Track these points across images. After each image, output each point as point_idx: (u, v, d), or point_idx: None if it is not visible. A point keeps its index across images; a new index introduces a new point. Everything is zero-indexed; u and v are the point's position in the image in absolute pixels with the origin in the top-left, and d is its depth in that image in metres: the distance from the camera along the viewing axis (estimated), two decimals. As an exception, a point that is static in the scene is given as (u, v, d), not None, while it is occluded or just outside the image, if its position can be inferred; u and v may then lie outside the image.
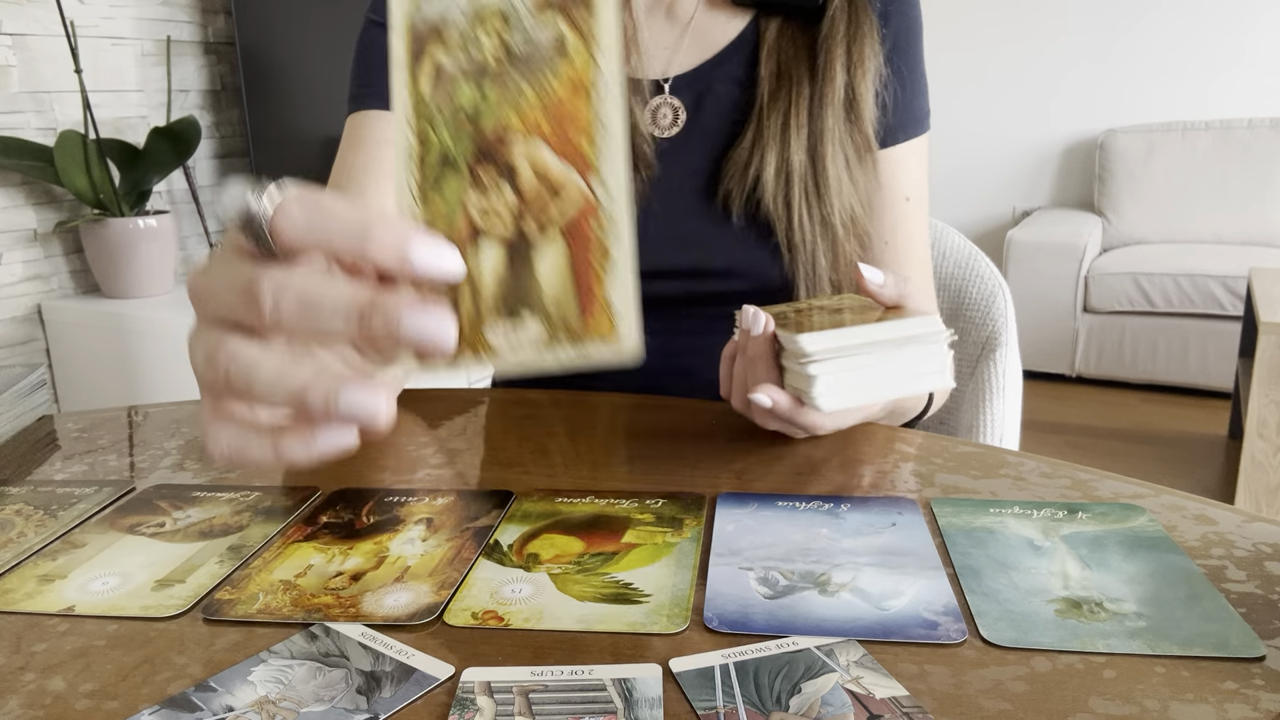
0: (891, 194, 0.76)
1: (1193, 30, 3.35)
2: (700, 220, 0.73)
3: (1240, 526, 0.46)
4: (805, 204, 0.71)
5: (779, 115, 0.71)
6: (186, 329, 0.96)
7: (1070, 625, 0.37)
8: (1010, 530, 0.46)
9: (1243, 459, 1.98)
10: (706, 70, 0.74)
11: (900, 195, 0.77)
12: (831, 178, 0.71)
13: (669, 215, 0.73)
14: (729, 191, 0.72)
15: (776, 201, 0.71)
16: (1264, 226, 3.15)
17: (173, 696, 0.34)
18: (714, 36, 0.75)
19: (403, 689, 0.34)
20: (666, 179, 0.73)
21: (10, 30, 1.77)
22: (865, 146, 0.73)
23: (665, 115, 0.74)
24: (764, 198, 0.71)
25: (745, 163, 0.71)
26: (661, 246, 0.74)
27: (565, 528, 0.46)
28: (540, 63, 0.30)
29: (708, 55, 0.75)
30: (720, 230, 0.73)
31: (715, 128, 0.74)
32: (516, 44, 0.31)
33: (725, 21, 0.75)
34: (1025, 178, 3.68)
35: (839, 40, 0.71)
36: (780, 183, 0.71)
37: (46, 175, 1.77)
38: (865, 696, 0.33)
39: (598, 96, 0.30)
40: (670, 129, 0.74)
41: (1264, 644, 0.36)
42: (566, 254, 0.30)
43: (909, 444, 0.57)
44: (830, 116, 0.71)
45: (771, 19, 0.73)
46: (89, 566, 0.44)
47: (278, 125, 2.08)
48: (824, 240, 0.72)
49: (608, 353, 0.30)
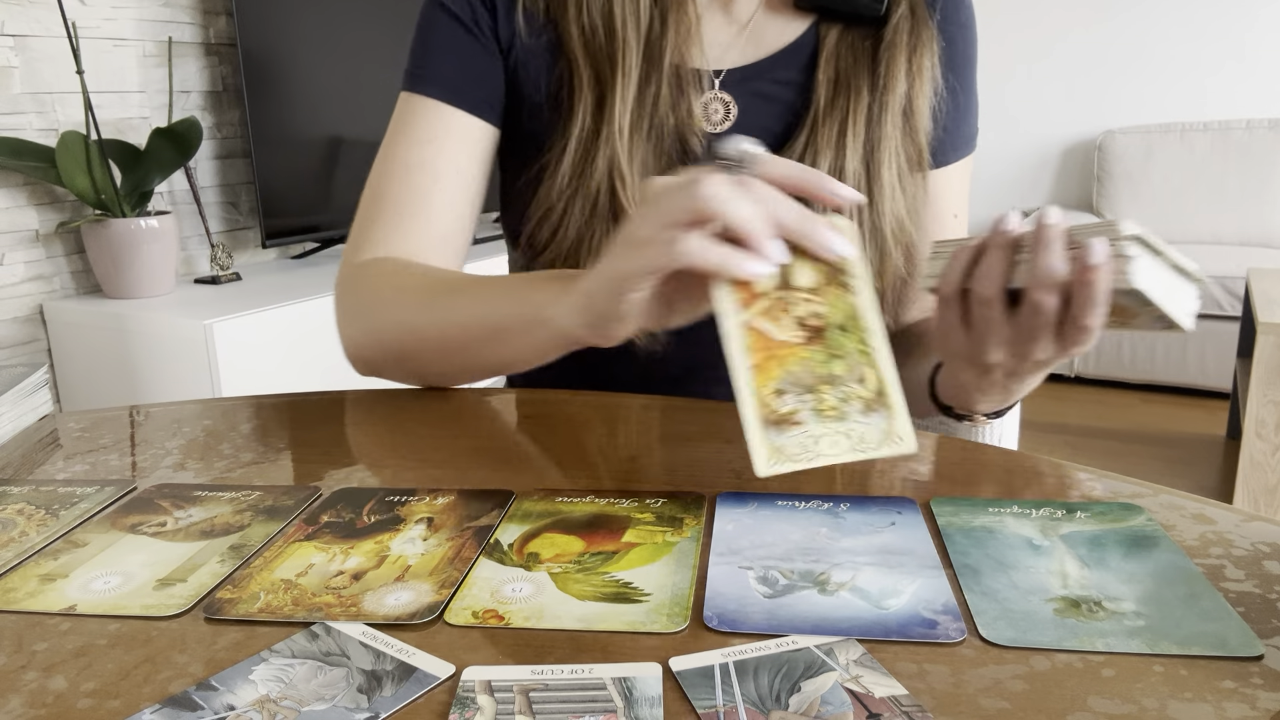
0: (941, 210, 0.78)
1: (1192, 31, 3.35)
2: None
3: (1239, 526, 0.46)
4: (857, 210, 0.72)
5: (836, 122, 0.71)
6: (187, 329, 0.97)
7: (1069, 624, 0.37)
8: (1009, 529, 0.46)
9: (1241, 459, 1.99)
10: (760, 70, 0.74)
11: (949, 212, 0.79)
12: (886, 186, 0.72)
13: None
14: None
15: (825, 208, 0.71)
16: (1262, 227, 3.15)
17: (174, 695, 0.34)
18: (770, 38, 0.75)
19: (403, 688, 0.34)
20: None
21: (12, 31, 1.78)
22: (917, 159, 0.74)
23: (717, 110, 0.74)
24: (813, 203, 0.71)
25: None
26: None
27: (565, 527, 0.46)
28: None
29: (762, 55, 0.75)
30: None
31: (764, 128, 0.74)
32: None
33: (784, 24, 0.75)
34: (1024, 178, 3.69)
35: (901, 50, 0.71)
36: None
37: (48, 176, 1.77)
38: (864, 695, 0.33)
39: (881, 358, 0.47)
40: (721, 124, 0.74)
41: (1262, 643, 0.36)
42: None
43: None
44: (889, 125, 0.71)
45: (832, 26, 0.74)
46: (90, 566, 0.44)
47: (279, 126, 2.09)
48: (872, 247, 0.72)
49: (893, 451, 0.45)
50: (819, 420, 0.45)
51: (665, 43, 0.70)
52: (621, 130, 0.69)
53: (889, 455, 0.45)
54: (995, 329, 0.54)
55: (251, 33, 1.99)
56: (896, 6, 0.72)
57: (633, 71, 0.70)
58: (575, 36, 0.71)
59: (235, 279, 2.06)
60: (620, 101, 0.69)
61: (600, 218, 0.70)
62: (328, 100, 2.19)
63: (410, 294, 0.66)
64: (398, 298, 0.67)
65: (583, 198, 0.70)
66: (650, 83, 0.70)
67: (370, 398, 0.69)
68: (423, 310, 0.65)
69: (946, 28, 0.75)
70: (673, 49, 0.71)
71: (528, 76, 0.74)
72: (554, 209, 0.71)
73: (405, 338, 0.66)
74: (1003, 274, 0.53)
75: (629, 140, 0.69)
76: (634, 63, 0.70)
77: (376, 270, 0.70)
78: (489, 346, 0.62)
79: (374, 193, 0.73)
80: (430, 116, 0.72)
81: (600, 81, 0.70)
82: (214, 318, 1.69)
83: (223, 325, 1.69)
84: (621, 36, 0.70)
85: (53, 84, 1.85)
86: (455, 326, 0.63)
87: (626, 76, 0.70)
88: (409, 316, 0.65)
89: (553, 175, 0.72)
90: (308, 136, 2.16)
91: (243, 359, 1.73)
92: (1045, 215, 0.51)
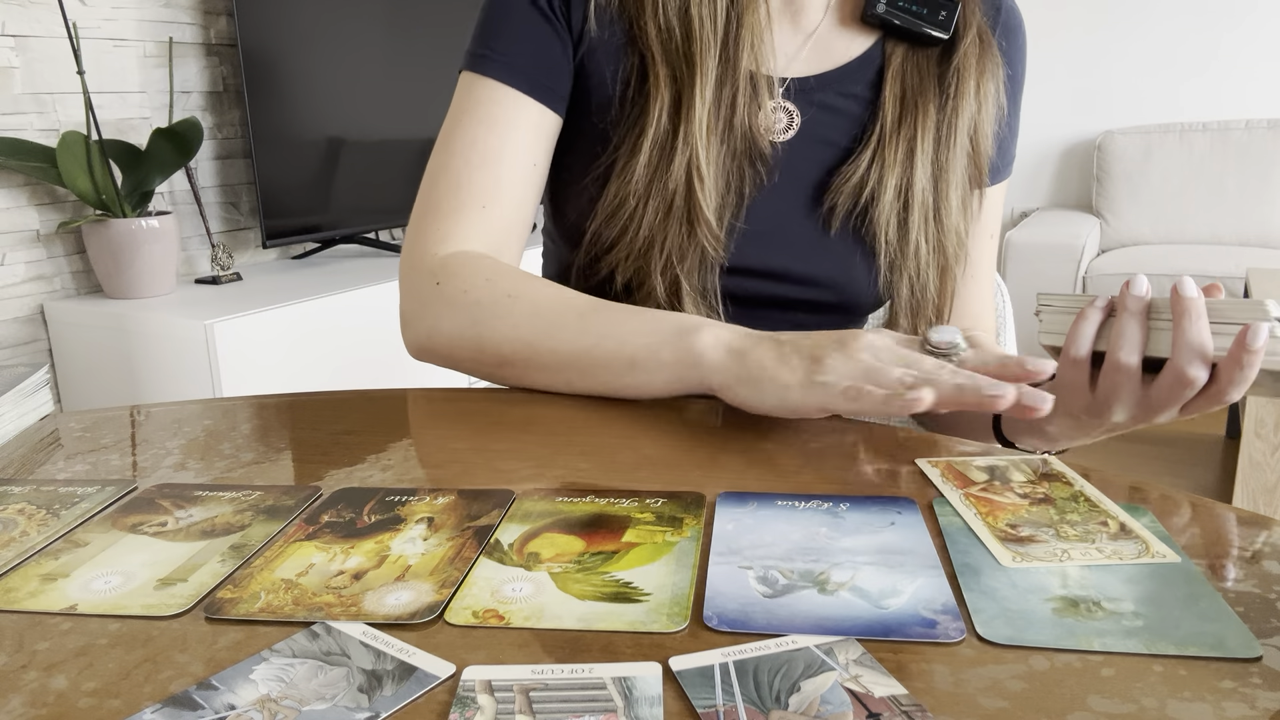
0: (982, 229, 0.80)
1: (1191, 32, 3.35)
2: (799, 226, 0.74)
3: (1238, 526, 0.46)
4: (924, 229, 0.73)
5: (904, 140, 0.72)
6: (188, 329, 0.97)
7: (1067, 624, 0.37)
8: (1009, 530, 0.46)
9: (1240, 459, 1.99)
10: (825, 81, 0.74)
11: (988, 231, 0.81)
12: (953, 206, 0.73)
13: (771, 217, 0.74)
14: (835, 204, 0.73)
15: (890, 223, 0.72)
16: (1261, 227, 3.15)
17: (175, 695, 0.34)
18: (836, 51, 0.75)
19: (404, 687, 0.34)
20: (775, 182, 0.74)
21: (13, 32, 1.78)
22: (978, 180, 0.75)
23: (781, 119, 0.74)
24: (876, 217, 0.72)
25: (859, 180, 0.72)
26: (754, 245, 0.74)
27: (566, 527, 0.47)
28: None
29: (828, 67, 0.75)
30: (818, 239, 0.74)
31: (826, 139, 0.74)
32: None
33: (850, 38, 0.76)
34: (1023, 178, 3.69)
35: (970, 74, 0.72)
36: (899, 205, 0.72)
37: (49, 176, 1.77)
38: (864, 695, 0.33)
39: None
40: (784, 133, 0.74)
41: (1261, 643, 0.36)
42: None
43: (907, 443, 0.57)
44: (958, 147, 0.73)
45: (898, 44, 0.74)
46: (91, 565, 0.44)
47: (280, 126, 2.09)
48: (935, 265, 0.73)
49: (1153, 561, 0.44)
50: (1062, 540, 0.45)
51: (741, 45, 0.70)
52: (701, 130, 0.69)
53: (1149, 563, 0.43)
54: (1126, 394, 0.55)
55: (252, 33, 1.99)
56: (966, 31, 0.73)
57: (710, 73, 0.70)
58: (652, 35, 0.70)
59: (236, 279, 2.06)
60: (700, 103, 0.69)
61: (675, 219, 0.70)
62: (328, 100, 2.19)
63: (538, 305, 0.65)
64: (513, 307, 0.65)
65: (658, 197, 0.70)
66: (726, 84, 0.70)
67: (370, 398, 0.69)
68: (552, 330, 0.64)
69: (1010, 53, 0.77)
70: (748, 54, 0.71)
71: (597, 71, 0.73)
72: (625, 207, 0.71)
73: (520, 350, 0.65)
74: (1143, 342, 0.53)
75: (707, 140, 0.69)
76: (712, 65, 0.70)
77: (474, 268, 0.68)
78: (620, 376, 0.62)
79: (452, 178, 0.71)
80: (506, 102, 0.71)
81: (677, 80, 0.70)
82: (214, 318, 1.69)
83: (223, 325, 1.69)
84: (699, 37, 0.70)
85: (53, 84, 1.85)
86: (586, 353, 0.63)
87: (704, 77, 0.69)
88: (529, 332, 0.64)
89: (625, 173, 0.71)
90: (308, 137, 2.16)
91: (243, 359, 1.73)
92: (1184, 286, 0.52)
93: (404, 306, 0.71)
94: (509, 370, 0.67)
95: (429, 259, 0.70)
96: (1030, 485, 0.51)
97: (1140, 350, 0.54)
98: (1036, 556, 0.43)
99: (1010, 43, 0.77)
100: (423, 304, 0.69)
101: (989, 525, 0.46)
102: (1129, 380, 0.54)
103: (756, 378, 0.56)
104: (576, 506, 0.49)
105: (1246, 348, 0.50)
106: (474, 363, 0.68)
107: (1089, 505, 0.48)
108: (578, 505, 0.49)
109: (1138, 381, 0.55)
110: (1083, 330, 0.56)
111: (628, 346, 0.62)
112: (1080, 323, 0.56)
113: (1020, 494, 0.50)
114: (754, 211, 0.73)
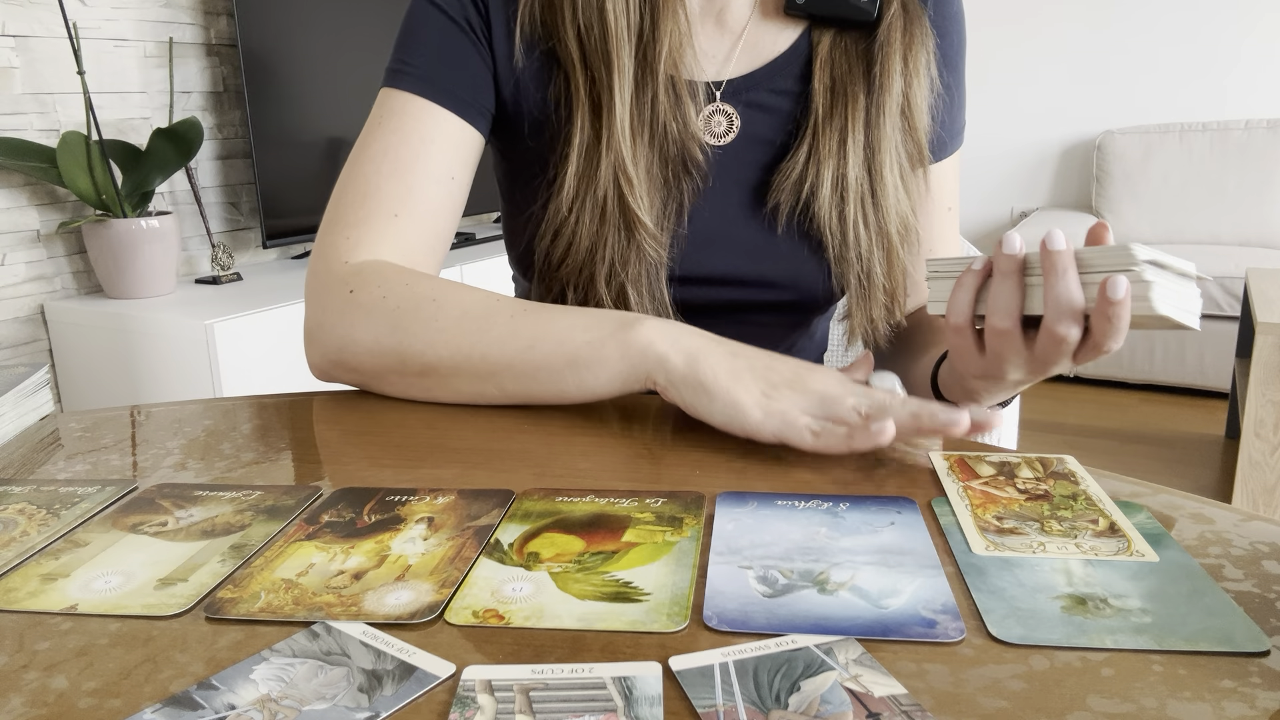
0: (936, 205, 0.79)
1: (1191, 32, 3.35)
2: (746, 229, 0.73)
3: (1237, 525, 0.46)
4: (862, 217, 0.72)
5: (835, 130, 0.71)
6: (188, 329, 0.98)
7: (1077, 621, 0.37)
8: (1009, 530, 0.46)
9: (1240, 459, 1.99)
10: (756, 80, 0.74)
11: (944, 206, 0.80)
12: (889, 188, 0.72)
13: (715, 222, 0.73)
14: (778, 203, 0.72)
15: (831, 215, 0.71)
16: (1261, 227, 3.15)
17: (175, 695, 0.34)
18: (765, 47, 0.75)
19: (404, 687, 0.34)
20: (715, 185, 0.73)
21: (13, 32, 1.78)
22: (919, 156, 0.74)
23: (720, 123, 0.73)
24: (817, 211, 0.71)
25: (799, 176, 0.71)
26: (706, 253, 0.74)
27: (565, 526, 0.47)
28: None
29: (758, 65, 0.74)
30: (766, 240, 0.73)
31: (765, 138, 0.74)
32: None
33: (777, 32, 0.75)
34: (1023, 179, 3.69)
35: (895, 49, 0.71)
36: (835, 197, 0.71)
37: (49, 176, 1.77)
38: (864, 694, 0.33)
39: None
40: (725, 136, 0.73)
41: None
42: None
43: (907, 443, 0.57)
44: (888, 127, 0.71)
45: (825, 31, 0.73)
46: (91, 565, 0.44)
47: (280, 126, 2.09)
48: (879, 250, 0.72)
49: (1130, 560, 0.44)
50: (1044, 534, 0.45)
51: (658, 50, 0.70)
52: (623, 132, 0.69)
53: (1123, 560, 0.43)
54: (1012, 355, 0.54)
55: (252, 33, 1.99)
56: (889, 6, 0.71)
57: (628, 72, 0.69)
58: (571, 39, 0.70)
59: (236, 279, 2.06)
60: (620, 104, 0.69)
61: (610, 224, 0.70)
62: (328, 100, 2.19)
63: (465, 308, 0.63)
64: (437, 312, 0.62)
65: (591, 204, 0.70)
66: (647, 88, 0.70)
67: (371, 398, 0.69)
68: (482, 333, 0.61)
69: (939, 22, 0.75)
70: (665, 58, 0.70)
71: (527, 97, 0.73)
72: (565, 222, 0.71)
73: (447, 357, 0.62)
74: (1018, 305, 0.53)
75: (631, 142, 0.69)
76: (628, 64, 0.69)
77: (391, 273, 0.65)
78: (559, 377, 0.60)
79: (362, 186, 0.68)
80: (421, 115, 0.69)
81: (596, 84, 0.70)
82: (215, 318, 1.69)
83: (223, 325, 1.69)
84: (615, 34, 0.69)
85: (54, 84, 1.85)
86: (521, 355, 0.60)
87: (622, 76, 0.69)
88: (457, 336, 0.61)
89: (560, 187, 0.71)
90: (308, 137, 2.16)
91: (243, 359, 1.73)
92: (1051, 240, 0.50)
93: (311, 319, 0.67)
94: (433, 380, 0.63)
95: (340, 267, 0.67)
96: (1034, 481, 0.51)
97: (1015, 312, 0.53)
98: (1010, 547, 0.44)
99: (940, 11, 0.75)
100: (335, 314, 0.65)
101: (975, 516, 0.47)
102: (1011, 342, 0.54)
103: (708, 387, 0.55)
104: (576, 506, 0.49)
105: (1109, 300, 0.48)
106: (395, 374, 0.64)
107: (1087, 503, 0.48)
108: (578, 505, 0.49)
109: (1019, 342, 0.53)
110: (960, 298, 0.55)
111: (567, 345, 0.59)
112: (957, 290, 0.55)
113: (1020, 489, 0.50)
114: (697, 218, 0.73)
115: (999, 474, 0.52)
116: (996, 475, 0.52)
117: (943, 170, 0.79)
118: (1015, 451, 0.55)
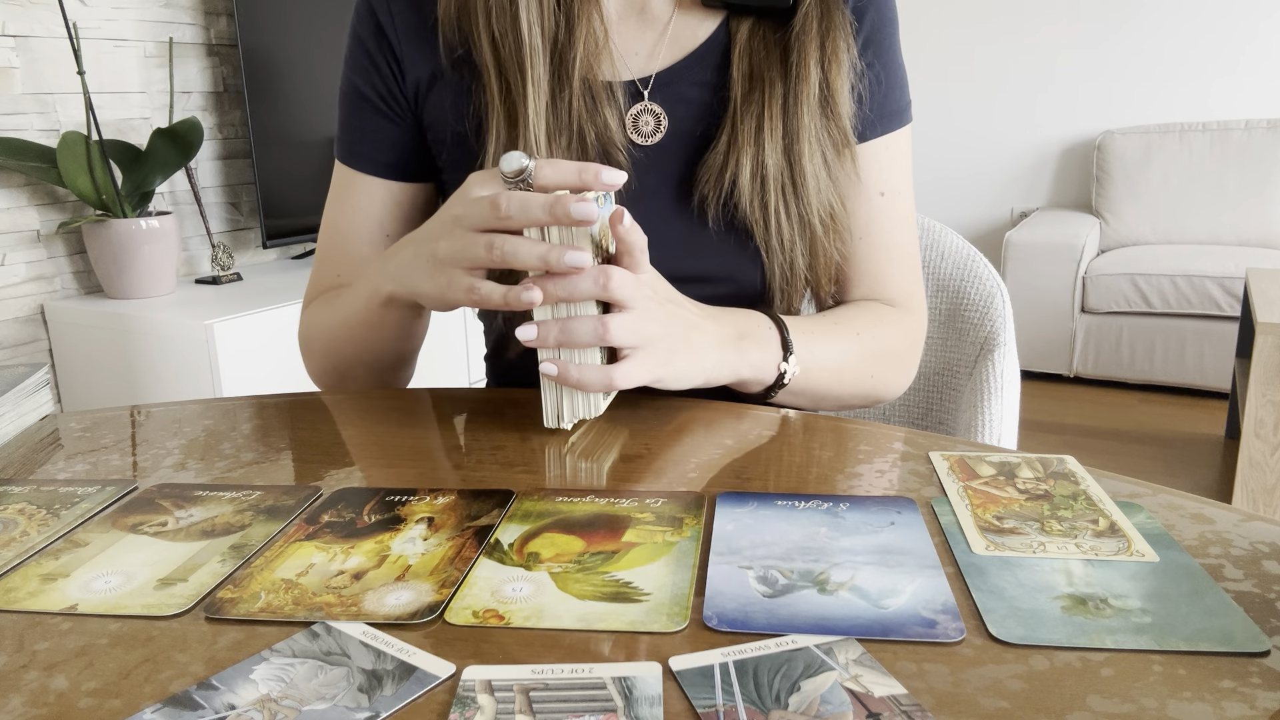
0: (865, 188, 0.76)
1: (1190, 32, 3.35)
2: (678, 225, 0.72)
3: (1237, 525, 0.46)
4: (783, 205, 0.70)
5: (753, 118, 0.70)
6: (188, 329, 0.99)
7: (1077, 621, 0.37)
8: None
9: (1240, 459, 1.99)
10: (677, 73, 0.73)
11: (875, 190, 0.76)
12: (809, 176, 0.70)
13: (647, 221, 0.73)
14: (704, 196, 0.71)
15: (753, 205, 0.70)
16: (1261, 227, 3.15)
17: (175, 695, 0.34)
18: (687, 39, 0.74)
19: (404, 687, 0.34)
20: (645, 185, 0.72)
21: (13, 32, 1.78)
22: (843, 142, 0.72)
23: (647, 122, 0.73)
24: (740, 202, 0.70)
25: (720, 167, 0.70)
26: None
27: (565, 527, 0.47)
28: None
29: (680, 57, 0.73)
30: (697, 235, 0.72)
31: (690, 132, 0.73)
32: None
33: (697, 24, 0.74)
34: (1023, 179, 3.69)
35: (812, 36, 0.70)
36: (756, 186, 0.70)
37: (49, 176, 1.77)
38: (864, 695, 0.33)
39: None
40: (653, 136, 0.73)
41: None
42: None
43: (907, 443, 0.58)
44: (806, 114, 0.70)
45: (743, 20, 0.72)
46: (91, 565, 0.44)
47: (280, 126, 2.09)
48: (802, 240, 0.71)
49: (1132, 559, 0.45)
50: (1044, 534, 0.45)
51: (573, 55, 0.69)
52: (537, 140, 0.68)
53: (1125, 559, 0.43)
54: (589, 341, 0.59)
55: (252, 33, 1.99)
56: None
57: (542, 80, 0.69)
58: (486, 46, 0.70)
59: (236, 279, 2.06)
60: (534, 112, 0.68)
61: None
62: (328, 101, 2.19)
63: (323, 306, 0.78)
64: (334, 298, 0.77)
65: None
66: (563, 94, 0.70)
67: (370, 398, 0.69)
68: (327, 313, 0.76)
69: (861, 6, 0.74)
70: (581, 62, 0.70)
71: (454, 108, 0.73)
72: None
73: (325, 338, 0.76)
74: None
75: (548, 149, 0.69)
76: (542, 71, 0.69)
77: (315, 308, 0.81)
78: (365, 333, 0.71)
79: (319, 256, 0.82)
80: (354, 184, 0.78)
81: (511, 91, 0.69)
82: (215, 318, 1.69)
83: (223, 325, 1.69)
84: (529, 41, 0.69)
85: (54, 84, 1.85)
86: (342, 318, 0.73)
87: (537, 85, 0.69)
88: (323, 319, 0.77)
89: None
90: (308, 137, 2.16)
91: (243, 359, 1.73)
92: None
93: (303, 357, 0.82)
94: (336, 360, 0.77)
95: (304, 327, 0.81)
96: (1035, 482, 0.51)
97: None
98: (1010, 547, 0.44)
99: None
100: (305, 356, 0.81)
101: (976, 516, 0.47)
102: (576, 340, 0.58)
103: (397, 261, 0.65)
104: (576, 506, 0.49)
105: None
106: (333, 368, 0.78)
107: (1087, 503, 0.48)
108: (578, 505, 0.49)
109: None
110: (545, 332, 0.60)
111: (353, 300, 0.72)
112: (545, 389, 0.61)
113: (1020, 489, 0.50)
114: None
115: (999, 474, 0.52)
116: (997, 475, 0.52)
117: (872, 151, 0.76)
118: (1015, 451, 0.56)
